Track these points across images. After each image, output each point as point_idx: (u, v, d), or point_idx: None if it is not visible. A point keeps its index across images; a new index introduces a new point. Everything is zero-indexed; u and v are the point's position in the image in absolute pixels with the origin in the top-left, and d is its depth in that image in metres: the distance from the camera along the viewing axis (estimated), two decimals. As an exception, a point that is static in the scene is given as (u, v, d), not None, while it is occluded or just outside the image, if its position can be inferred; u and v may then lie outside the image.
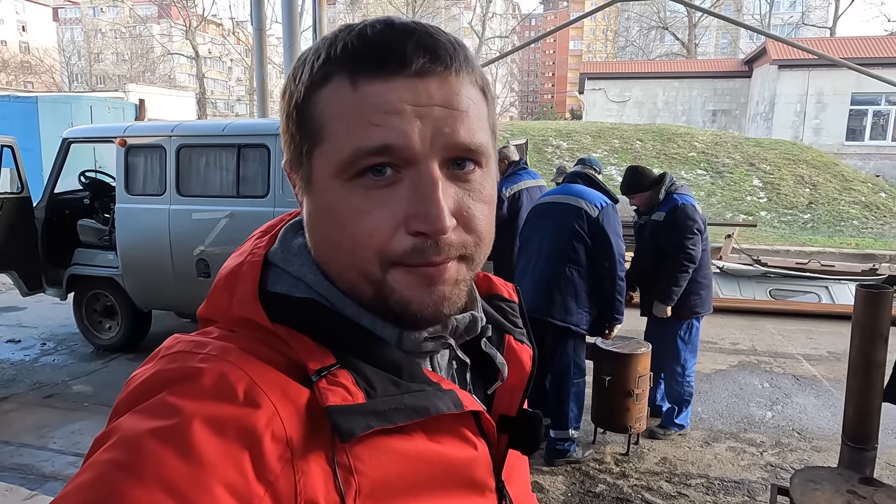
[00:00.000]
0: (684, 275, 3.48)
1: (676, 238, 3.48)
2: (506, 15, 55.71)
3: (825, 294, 6.78)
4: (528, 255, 3.31)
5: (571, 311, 3.13)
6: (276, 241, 0.56)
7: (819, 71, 17.96)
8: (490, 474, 0.56)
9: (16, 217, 4.99)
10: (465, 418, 0.53)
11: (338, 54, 0.48)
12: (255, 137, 4.47)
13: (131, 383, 0.47)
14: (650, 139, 15.15)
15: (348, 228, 0.48)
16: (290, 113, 0.51)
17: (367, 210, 0.47)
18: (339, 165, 0.48)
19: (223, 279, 0.54)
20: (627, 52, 43.46)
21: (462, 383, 0.59)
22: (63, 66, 51.67)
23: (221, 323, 0.53)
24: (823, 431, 3.83)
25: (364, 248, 0.48)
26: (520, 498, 0.62)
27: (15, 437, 3.62)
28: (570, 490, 3.14)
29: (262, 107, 7.91)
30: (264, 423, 0.43)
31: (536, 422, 0.60)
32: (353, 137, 0.47)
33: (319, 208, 0.50)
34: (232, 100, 58.74)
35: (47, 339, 5.60)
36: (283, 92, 0.52)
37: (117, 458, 0.41)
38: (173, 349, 0.49)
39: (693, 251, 3.46)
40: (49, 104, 10.93)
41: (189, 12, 36.30)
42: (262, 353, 0.47)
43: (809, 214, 12.39)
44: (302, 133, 0.50)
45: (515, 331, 0.64)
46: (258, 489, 0.41)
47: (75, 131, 5.27)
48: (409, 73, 0.46)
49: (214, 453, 0.40)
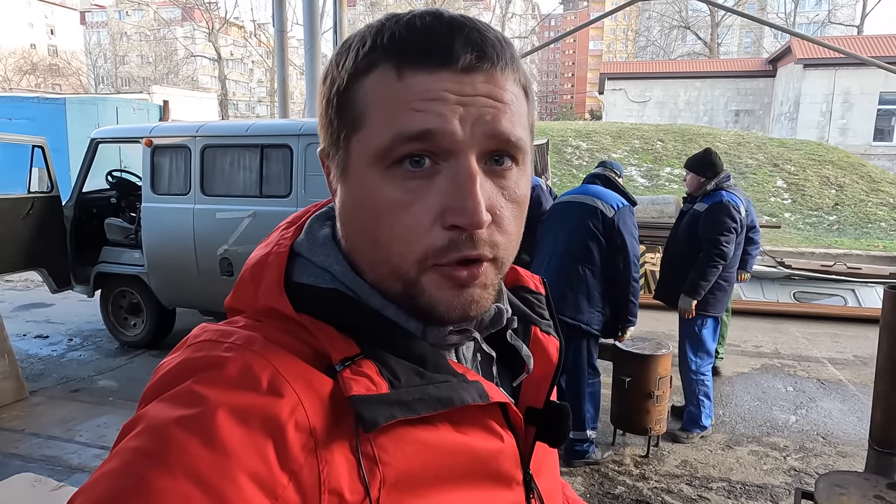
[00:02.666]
0: (713, 270, 3.44)
1: (711, 232, 3.45)
2: (525, 15, 55.55)
3: (851, 297, 6.64)
4: (542, 253, 3.33)
5: (583, 310, 3.12)
6: (303, 231, 0.57)
7: (846, 70, 17.61)
8: (517, 467, 0.55)
9: (46, 216, 5.11)
10: (492, 410, 0.53)
11: (384, 43, 0.48)
12: (278, 138, 4.52)
13: (159, 371, 0.48)
14: (671, 140, 14.99)
15: (385, 221, 0.48)
16: (331, 99, 0.51)
17: (404, 203, 0.47)
18: (377, 152, 0.47)
19: (249, 270, 0.55)
20: (648, 52, 43.04)
21: (488, 375, 0.59)
22: (89, 69, 52.76)
23: (248, 313, 0.53)
24: (849, 436, 3.76)
25: (401, 244, 0.48)
26: (549, 491, 0.62)
27: (43, 430, 3.71)
28: (588, 491, 3.13)
29: (283, 108, 7.99)
30: (288, 412, 0.43)
31: (564, 414, 0.60)
32: (393, 123, 0.46)
33: (355, 197, 0.50)
34: (253, 101, 59.41)
35: (74, 335, 5.73)
36: (324, 77, 0.52)
37: (144, 445, 0.41)
38: (200, 338, 0.49)
39: (726, 248, 3.43)
40: (76, 105, 11.16)
41: (212, 15, 36.80)
42: (286, 343, 0.48)
43: (835, 216, 12.15)
44: (341, 119, 0.50)
45: (542, 322, 0.63)
46: (282, 478, 0.42)
47: (103, 132, 5.38)
48: (455, 68, 0.46)
49: (238, 442, 0.41)
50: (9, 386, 4.10)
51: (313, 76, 7.42)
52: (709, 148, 3.84)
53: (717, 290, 3.57)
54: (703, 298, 3.53)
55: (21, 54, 45.10)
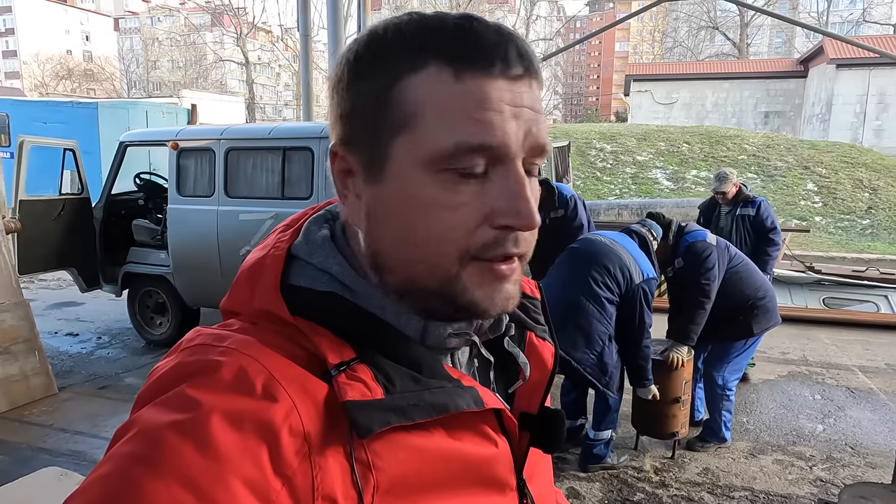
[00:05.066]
0: (702, 313, 3.34)
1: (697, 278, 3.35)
2: (550, 17, 55.29)
3: (884, 303, 6.45)
4: (555, 274, 3.26)
5: (578, 347, 3.01)
6: (301, 234, 0.56)
7: (881, 70, 17.14)
8: (511, 472, 0.55)
9: (76, 217, 5.26)
10: (486, 415, 0.53)
11: (439, 42, 0.47)
12: (300, 140, 4.57)
13: (153, 375, 0.48)
14: (697, 142, 14.75)
15: (431, 221, 0.48)
16: (363, 94, 0.49)
17: (453, 205, 0.47)
18: (434, 156, 0.47)
19: (245, 272, 0.54)
20: (675, 53, 42.46)
21: (485, 381, 0.59)
22: (122, 74, 54.15)
23: (243, 315, 0.53)
24: (879, 447, 3.65)
25: (446, 243, 0.48)
26: (542, 497, 0.61)
27: (70, 425, 3.81)
28: (607, 497, 3.09)
29: (307, 111, 8.08)
30: (282, 417, 0.43)
31: (558, 420, 0.59)
32: (454, 130, 0.46)
33: (394, 197, 0.49)
34: (280, 105, 60.28)
35: (103, 333, 5.87)
36: (347, 71, 0.50)
37: (136, 450, 0.41)
38: (194, 342, 0.49)
39: (709, 288, 3.31)
40: (108, 110, 11.46)
41: (240, 20, 37.48)
42: (281, 347, 0.47)
43: (868, 220, 11.82)
44: (380, 117, 0.48)
45: (537, 328, 0.63)
46: (275, 483, 0.41)
47: (131, 135, 5.51)
48: (510, 75, 0.47)
49: (232, 447, 0.41)
50: (38, 382, 4.23)
51: (337, 80, 7.48)
52: (649, 214, 3.63)
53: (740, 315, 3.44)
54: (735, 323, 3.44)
55: (58, 60, 46.52)
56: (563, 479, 3.25)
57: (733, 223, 4.64)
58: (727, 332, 3.49)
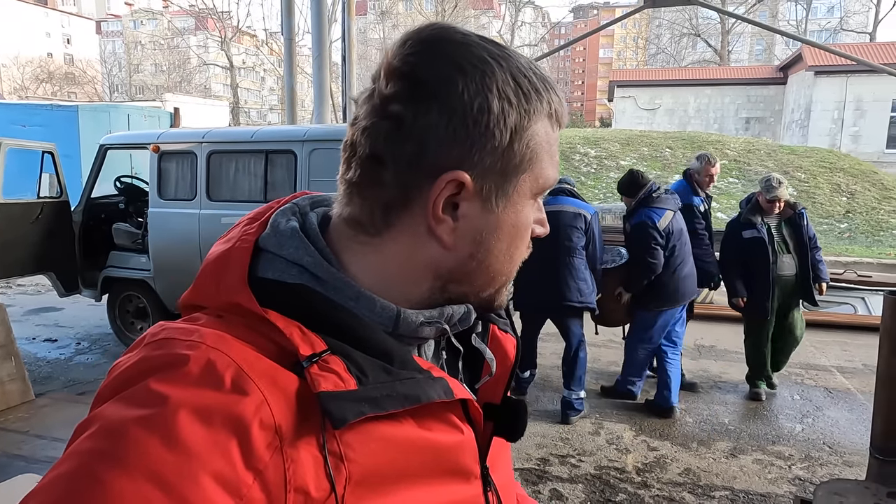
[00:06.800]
0: (643, 280, 3.99)
1: (639, 250, 3.99)
2: (535, 24, 55.69)
3: (861, 305, 6.56)
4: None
5: (584, 293, 3.87)
6: (268, 226, 0.55)
7: (858, 77, 17.48)
8: (476, 461, 0.56)
9: (55, 221, 5.18)
10: (454, 405, 0.53)
11: (550, 98, 0.55)
12: (283, 144, 4.56)
13: (115, 370, 0.47)
14: (680, 147, 14.92)
15: (524, 239, 0.58)
16: (508, 129, 0.52)
17: (531, 223, 0.58)
18: (541, 189, 0.57)
19: (210, 265, 0.54)
20: (658, 60, 42.97)
21: (454, 371, 0.60)
22: (104, 77, 53.49)
23: (209, 309, 0.52)
24: (856, 446, 3.70)
25: (522, 255, 0.59)
26: (504, 485, 0.62)
27: (47, 432, 3.74)
28: (589, 499, 3.10)
29: (291, 115, 8.06)
30: (252, 410, 0.42)
31: (521, 409, 0.61)
32: (551, 170, 0.57)
33: (509, 223, 0.55)
34: (265, 109, 59.95)
35: (82, 338, 5.79)
36: (484, 106, 0.51)
37: (100, 446, 0.40)
38: (159, 336, 0.48)
39: (653, 261, 3.90)
40: (89, 113, 11.31)
41: (224, 24, 37.24)
42: (250, 340, 0.47)
43: (846, 224, 12.04)
44: (512, 153, 0.53)
45: (500, 321, 0.65)
46: (247, 478, 0.41)
47: (111, 138, 5.45)
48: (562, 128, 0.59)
49: (201, 442, 0.40)
50: (15, 388, 4.15)
51: (321, 84, 7.48)
52: (631, 169, 4.29)
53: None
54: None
55: (38, 63, 45.84)
56: (546, 481, 3.26)
57: (784, 231, 4.31)
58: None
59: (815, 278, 4.30)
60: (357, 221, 0.53)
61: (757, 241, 4.19)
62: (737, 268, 4.32)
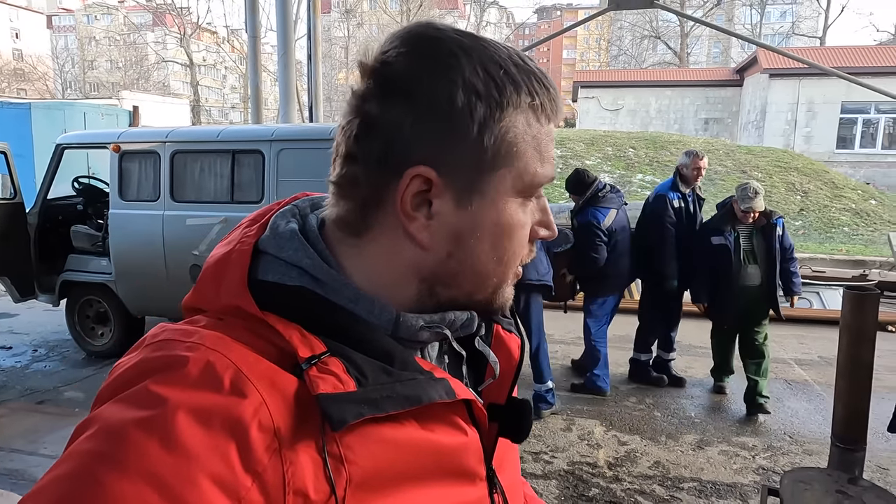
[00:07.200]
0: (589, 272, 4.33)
1: (584, 247, 4.29)
2: (500, 24, 56.06)
3: (816, 300, 6.82)
4: None
5: (540, 271, 3.97)
6: (267, 229, 0.56)
7: (809, 80, 18.13)
8: (481, 462, 0.56)
9: (8, 223, 4.97)
10: (457, 406, 0.53)
11: (533, 90, 0.52)
12: (251, 143, 4.48)
13: (115, 371, 0.47)
14: (643, 147, 15.24)
15: (515, 240, 0.54)
16: (475, 122, 0.49)
17: (524, 223, 0.55)
18: (528, 187, 0.53)
19: (211, 267, 0.54)
20: (620, 61, 43.78)
21: (457, 374, 0.60)
22: (56, 74, 51.50)
23: (209, 312, 0.52)
24: (815, 435, 3.85)
25: (518, 257, 0.56)
26: (510, 486, 0.62)
27: (6, 443, 3.59)
28: (563, 494, 3.15)
29: (256, 114, 7.93)
30: (251, 413, 0.42)
31: (526, 409, 0.60)
32: (542, 167, 0.54)
33: (490, 221, 0.52)
34: (226, 107, 58.69)
35: (39, 345, 5.57)
36: (449, 98, 0.49)
37: (99, 448, 0.40)
38: (159, 337, 0.48)
39: (597, 257, 4.19)
40: (42, 111, 10.89)
41: (184, 20, 36.30)
42: (250, 342, 0.47)
43: (801, 221, 12.48)
44: (482, 147, 0.50)
45: (504, 321, 0.65)
46: (245, 480, 0.41)
47: (69, 137, 5.26)
48: (556, 123, 0.56)
49: (200, 444, 0.40)
50: (-31, 398, 3.97)
51: (286, 82, 7.38)
52: (577, 168, 4.53)
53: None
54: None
55: (-16, 58, 43.91)
56: (520, 477, 3.29)
57: (754, 241, 4.17)
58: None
59: (787, 290, 4.22)
60: (344, 222, 0.54)
61: (722, 249, 4.09)
62: (705, 273, 4.24)
